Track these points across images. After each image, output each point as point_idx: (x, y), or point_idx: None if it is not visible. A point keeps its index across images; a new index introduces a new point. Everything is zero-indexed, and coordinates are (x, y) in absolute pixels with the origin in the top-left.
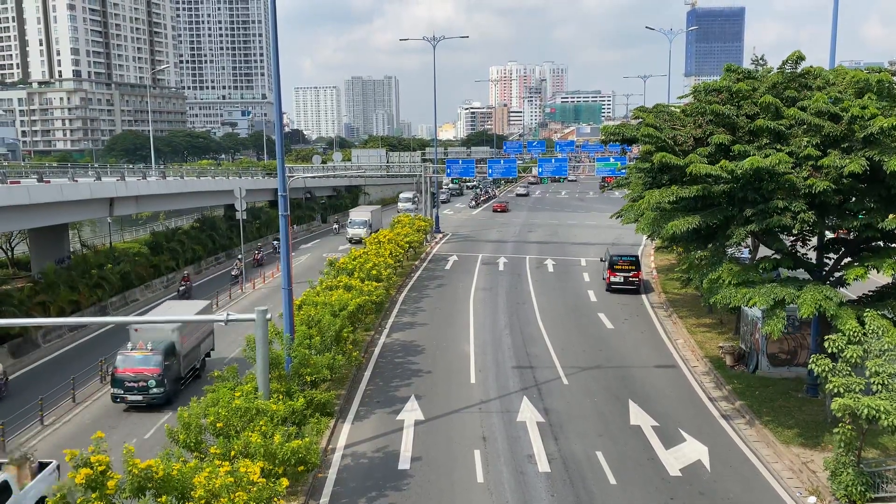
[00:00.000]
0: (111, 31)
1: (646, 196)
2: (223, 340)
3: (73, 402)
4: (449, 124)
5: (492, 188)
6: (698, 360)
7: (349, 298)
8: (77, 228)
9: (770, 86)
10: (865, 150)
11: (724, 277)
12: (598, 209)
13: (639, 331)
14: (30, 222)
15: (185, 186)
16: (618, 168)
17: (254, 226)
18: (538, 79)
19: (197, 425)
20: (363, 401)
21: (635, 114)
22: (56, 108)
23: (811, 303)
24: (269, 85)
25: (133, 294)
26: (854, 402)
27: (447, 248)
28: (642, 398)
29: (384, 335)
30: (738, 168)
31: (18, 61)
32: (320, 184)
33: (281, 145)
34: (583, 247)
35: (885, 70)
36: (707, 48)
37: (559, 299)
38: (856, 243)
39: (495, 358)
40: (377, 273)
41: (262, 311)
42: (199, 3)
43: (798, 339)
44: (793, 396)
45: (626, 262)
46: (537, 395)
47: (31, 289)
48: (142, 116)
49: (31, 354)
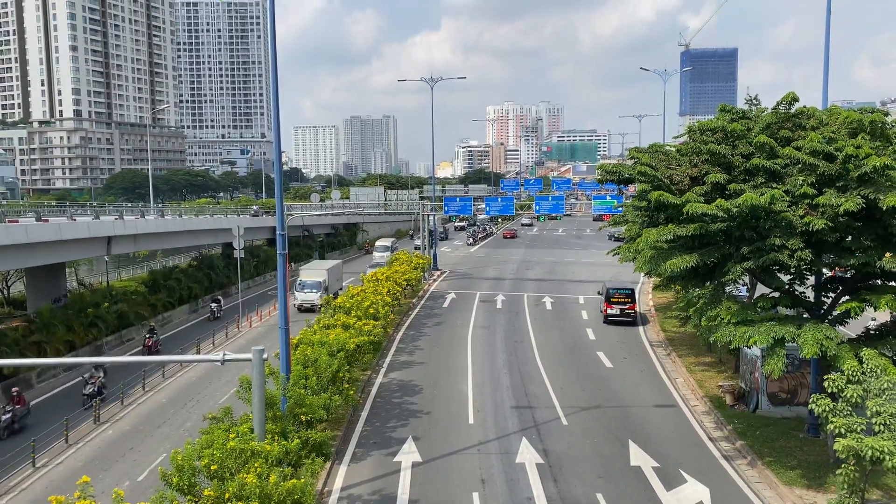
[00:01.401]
0: (112, 71)
1: (643, 234)
2: (218, 380)
3: (66, 444)
4: (446, 162)
5: (489, 226)
6: (698, 399)
7: (347, 338)
8: (74, 267)
9: (764, 126)
10: (861, 189)
11: (723, 316)
12: (596, 247)
13: (638, 369)
14: (27, 261)
15: (184, 225)
16: (614, 206)
17: (251, 264)
18: (535, 118)
19: (190, 467)
20: (360, 442)
21: (631, 154)
22: (56, 147)
23: (813, 342)
24: (268, 124)
25: (129, 333)
26: (857, 443)
27: (445, 285)
28: (642, 438)
29: (381, 374)
30: (733, 206)
31: (20, 101)
32: (318, 222)
33: (280, 184)
34: (581, 284)
35: (877, 110)
36: (701, 88)
37: (558, 337)
38: (853, 281)
39: (494, 398)
40: (375, 311)
41: (259, 350)
42: (199, 44)
43: (798, 378)
44: (794, 436)
45: (623, 295)
46: (536, 436)
47: (26, 328)
48: (141, 155)
49: (25, 395)
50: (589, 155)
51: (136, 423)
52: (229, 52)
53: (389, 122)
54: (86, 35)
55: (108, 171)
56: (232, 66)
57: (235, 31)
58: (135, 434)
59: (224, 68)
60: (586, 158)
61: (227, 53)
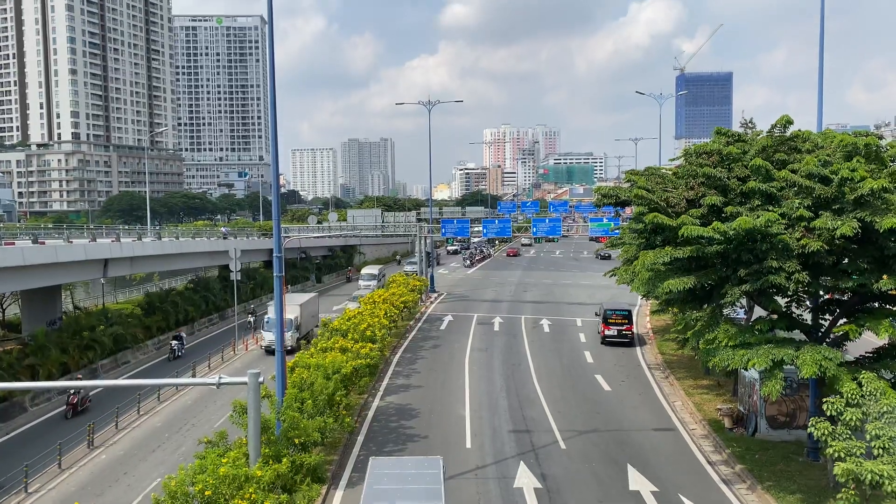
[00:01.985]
0: (111, 94)
1: (640, 257)
2: (213, 404)
3: (59, 469)
4: (444, 185)
5: (487, 247)
6: (696, 422)
7: (343, 361)
8: (70, 289)
9: (760, 149)
10: (857, 212)
11: (721, 338)
12: (593, 269)
13: (636, 393)
14: (23, 284)
15: (181, 247)
16: (611, 228)
17: (248, 286)
18: (531, 141)
19: (183, 493)
20: (356, 466)
21: (627, 177)
22: (54, 170)
23: (812, 363)
24: (266, 147)
25: (125, 356)
26: (857, 468)
27: (442, 307)
28: (641, 462)
29: (378, 398)
30: (730, 228)
31: (18, 124)
32: (316, 244)
33: (277, 206)
34: (578, 306)
35: (871, 134)
36: (696, 112)
37: (555, 360)
38: (851, 304)
39: (491, 422)
40: (372, 334)
41: (255, 374)
42: (198, 68)
43: (797, 402)
44: (794, 460)
45: (620, 316)
46: (534, 460)
47: (21, 351)
48: (139, 178)
49: (18, 419)
50: (585, 177)
51: (130, 447)
52: (228, 75)
53: (387, 145)
54: (85, 58)
55: (105, 193)
56: (230, 90)
57: (234, 55)
58: (128, 459)
59: (222, 91)
60: (583, 181)
61: (225, 77)
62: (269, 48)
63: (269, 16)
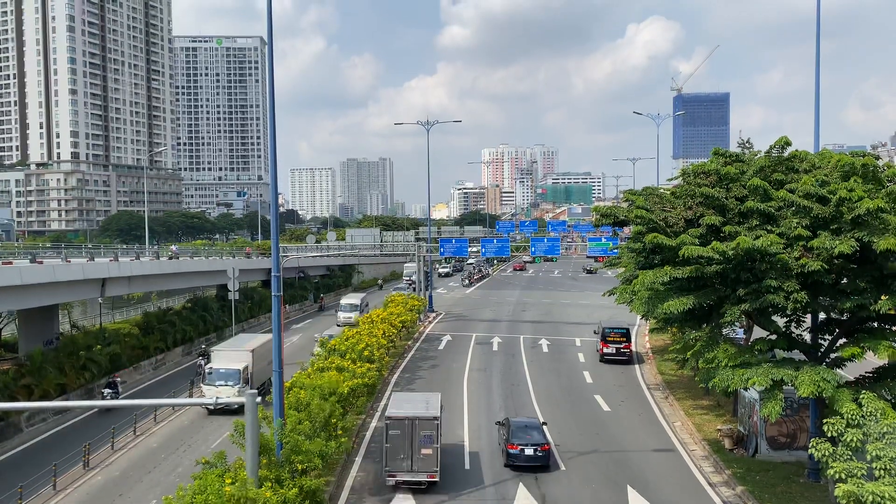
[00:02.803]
0: (111, 114)
1: (639, 276)
2: (210, 425)
3: (54, 490)
4: (442, 204)
5: (485, 267)
6: (696, 443)
7: (340, 381)
8: (67, 309)
9: (758, 169)
10: (855, 232)
11: (720, 358)
12: (592, 288)
13: (636, 413)
14: (21, 303)
15: (179, 266)
16: (609, 248)
17: (246, 306)
18: (529, 160)
19: None
20: (354, 488)
21: (626, 196)
22: (53, 189)
23: (810, 383)
24: (265, 166)
25: (122, 376)
26: (858, 489)
27: (441, 327)
28: (641, 484)
29: (376, 418)
30: (729, 248)
31: (18, 143)
32: (314, 263)
33: (275, 225)
34: (577, 326)
35: (868, 154)
36: (694, 132)
37: (555, 381)
38: (850, 324)
39: (490, 442)
40: (369, 354)
41: (252, 394)
42: (198, 88)
43: (797, 422)
44: (795, 481)
45: (618, 334)
46: (533, 482)
47: (17, 371)
48: (138, 197)
49: (14, 439)
50: (584, 197)
51: (127, 468)
52: (227, 95)
53: (385, 165)
54: (85, 78)
55: (104, 212)
56: (230, 110)
57: (234, 76)
58: (124, 480)
59: (222, 112)
60: (581, 200)
61: (225, 97)
62: (268, 69)
63: (268, 37)
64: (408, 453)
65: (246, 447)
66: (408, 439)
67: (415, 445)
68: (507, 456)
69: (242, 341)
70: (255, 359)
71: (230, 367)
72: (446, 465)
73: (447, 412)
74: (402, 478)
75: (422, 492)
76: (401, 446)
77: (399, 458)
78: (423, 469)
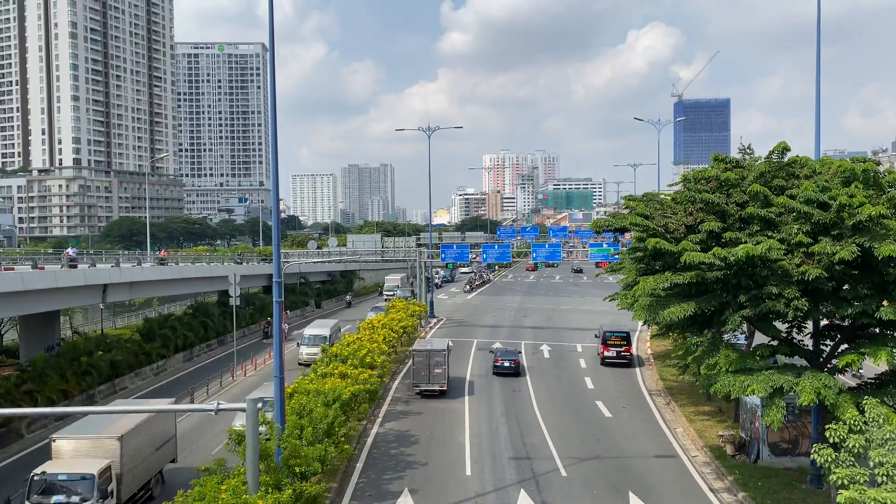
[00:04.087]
0: (113, 120)
1: (640, 282)
2: (211, 431)
3: None
4: (443, 210)
5: (486, 273)
6: (698, 449)
7: (343, 387)
8: (69, 315)
9: (758, 174)
10: (856, 238)
11: (722, 364)
12: (593, 294)
13: (637, 419)
14: (22, 309)
15: (180, 272)
16: (611, 253)
17: (247, 312)
18: (530, 166)
19: None
20: (355, 494)
21: (627, 203)
22: (54, 195)
23: (810, 390)
24: (266, 172)
25: (122, 382)
26: (860, 495)
27: (442, 333)
28: (643, 490)
29: (377, 425)
30: (730, 254)
31: (20, 150)
32: (315, 269)
33: (277, 231)
34: (578, 332)
35: (869, 160)
36: (694, 137)
37: (556, 387)
38: (851, 330)
39: (491, 449)
40: (371, 360)
41: (253, 400)
42: (200, 94)
43: (799, 428)
44: (797, 488)
45: (618, 338)
46: (535, 488)
47: (18, 377)
48: (139, 203)
49: (14, 445)
50: (584, 203)
51: None
52: (229, 102)
53: (387, 171)
54: (88, 85)
55: (105, 218)
56: (231, 116)
57: (235, 82)
58: None
59: (223, 118)
60: (582, 206)
61: (226, 103)
62: (270, 75)
63: (270, 43)
64: (427, 372)
65: (246, 454)
66: (427, 364)
67: (431, 367)
68: (493, 367)
69: (100, 425)
70: (123, 453)
71: (76, 472)
72: (448, 471)
73: (447, 416)
74: (423, 387)
75: (424, 500)
76: (422, 368)
77: (422, 375)
78: (436, 382)
